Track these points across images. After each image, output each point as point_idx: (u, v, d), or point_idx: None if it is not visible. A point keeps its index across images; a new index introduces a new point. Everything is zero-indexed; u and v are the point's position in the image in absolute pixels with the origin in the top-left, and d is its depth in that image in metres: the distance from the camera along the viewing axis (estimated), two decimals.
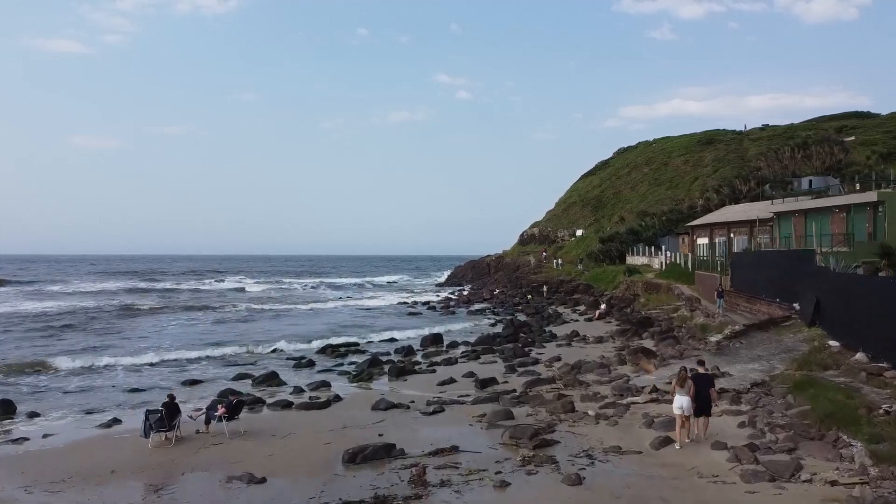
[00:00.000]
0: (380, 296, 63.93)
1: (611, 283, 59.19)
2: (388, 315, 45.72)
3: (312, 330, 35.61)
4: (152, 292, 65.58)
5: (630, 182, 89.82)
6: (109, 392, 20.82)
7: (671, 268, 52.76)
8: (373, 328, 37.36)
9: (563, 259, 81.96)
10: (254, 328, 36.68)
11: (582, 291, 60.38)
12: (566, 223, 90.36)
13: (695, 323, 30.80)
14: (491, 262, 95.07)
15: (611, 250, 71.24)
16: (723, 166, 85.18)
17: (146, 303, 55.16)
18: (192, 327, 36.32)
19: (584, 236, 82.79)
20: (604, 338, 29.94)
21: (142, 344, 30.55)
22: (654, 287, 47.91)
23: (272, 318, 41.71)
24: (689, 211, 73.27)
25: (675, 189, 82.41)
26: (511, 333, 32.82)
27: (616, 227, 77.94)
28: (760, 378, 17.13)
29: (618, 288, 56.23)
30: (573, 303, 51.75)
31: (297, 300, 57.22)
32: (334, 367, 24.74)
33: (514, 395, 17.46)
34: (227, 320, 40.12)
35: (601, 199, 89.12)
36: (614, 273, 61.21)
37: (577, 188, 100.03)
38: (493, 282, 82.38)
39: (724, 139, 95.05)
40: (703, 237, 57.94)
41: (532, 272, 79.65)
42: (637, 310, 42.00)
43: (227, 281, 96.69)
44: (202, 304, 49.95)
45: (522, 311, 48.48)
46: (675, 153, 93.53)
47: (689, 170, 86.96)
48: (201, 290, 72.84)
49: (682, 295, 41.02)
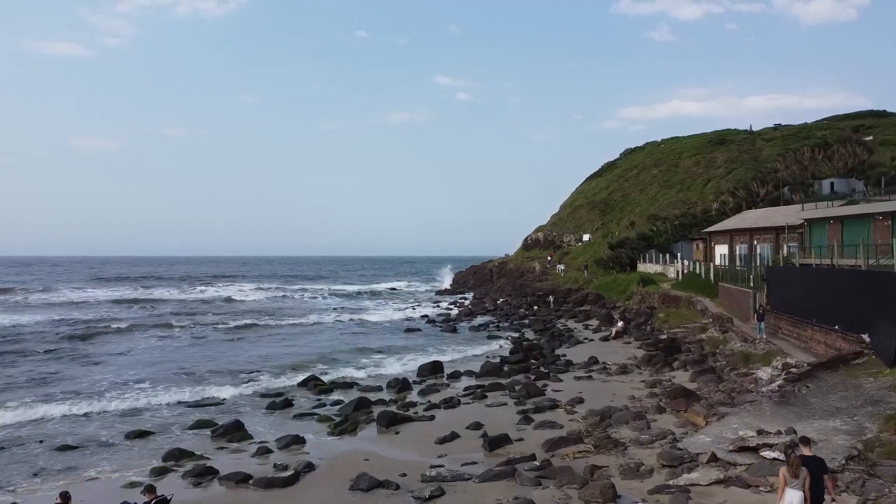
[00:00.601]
0: (378, 307, 60.03)
1: (623, 293, 55.36)
2: (385, 333, 41.85)
3: (300, 354, 31.69)
4: (137, 304, 61.59)
5: (638, 184, 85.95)
6: (31, 451, 16.94)
7: (689, 278, 48.88)
8: (366, 351, 33.48)
9: (566, 265, 78.14)
10: (233, 352, 32.77)
11: (592, 302, 56.53)
12: (572, 227, 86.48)
13: (731, 348, 26.95)
14: (493, 268, 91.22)
15: (621, 257, 67.39)
16: (736, 167, 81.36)
17: (128, 316, 51.34)
18: (162, 352, 32.34)
19: (592, 241, 78.92)
20: (628, 367, 26.07)
21: (98, 374, 26.64)
22: (673, 300, 44.05)
23: (258, 338, 37.77)
24: (704, 215, 69.39)
25: (687, 191, 78.56)
26: (520, 359, 28.97)
27: (626, 231, 74.08)
28: (850, 445, 13.29)
29: (631, 299, 52.39)
30: (584, 316, 47.88)
31: (290, 313, 53.29)
32: (314, 410, 20.88)
33: (535, 467, 13.56)
34: (205, 342, 36.04)
35: (608, 203, 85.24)
36: (626, 282, 57.36)
37: (583, 191, 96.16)
38: (496, 289, 78.53)
39: (735, 139, 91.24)
40: (723, 244, 54.08)
41: (537, 279, 75.79)
42: (657, 327, 38.13)
43: (221, 288, 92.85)
44: (185, 321, 45.95)
45: (529, 325, 44.64)
46: (685, 154, 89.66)
47: (701, 171, 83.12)
48: (189, 301, 68.98)
49: (706, 311, 37.15)
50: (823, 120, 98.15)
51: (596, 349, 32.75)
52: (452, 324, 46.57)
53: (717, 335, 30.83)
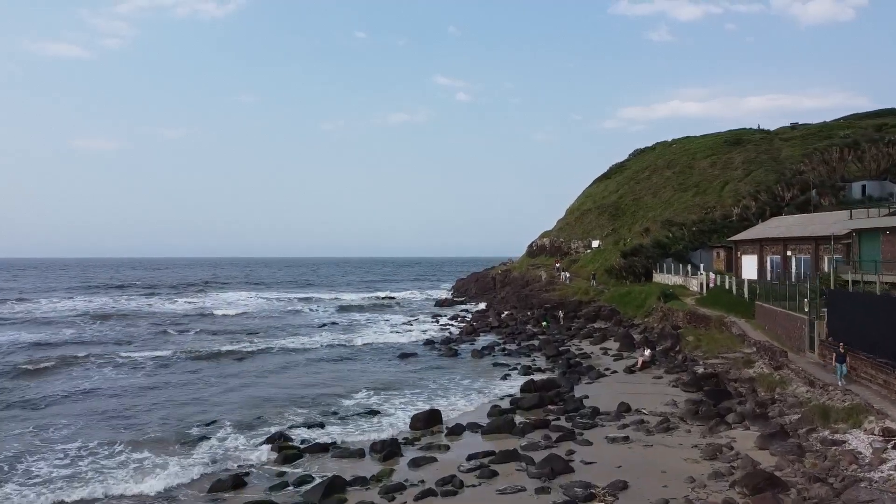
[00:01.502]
0: (373, 324, 54.97)
1: (640, 307, 50.35)
2: (378, 360, 36.80)
3: (270, 396, 26.62)
4: (108, 319, 56.46)
5: (651, 187, 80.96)
6: None
7: (716, 293, 43.87)
8: (352, 389, 28.42)
9: (572, 273, 73.18)
10: (192, 392, 27.75)
11: (606, 318, 51.56)
12: (580, 233, 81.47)
13: (795, 395, 21.94)
14: (497, 276, 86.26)
15: (635, 266, 62.39)
16: (755, 169, 76.39)
17: (91, 337, 46.39)
18: (104, 397, 26.85)
19: (602, 248, 73.94)
20: (670, 419, 21.05)
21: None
22: (702, 320, 39.06)
23: (228, 369, 32.70)
24: (724, 221, 64.41)
25: (704, 195, 73.57)
26: (535, 404, 24.01)
27: (639, 238, 69.08)
28: None
29: (650, 316, 47.40)
30: (599, 336, 42.87)
31: (274, 333, 48.24)
32: (271, 497, 15.91)
33: None
34: (163, 377, 30.64)
35: (619, 207, 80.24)
36: (643, 295, 52.33)
37: (591, 194, 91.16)
38: (499, 300, 73.55)
39: (752, 139, 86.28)
40: (751, 254, 49.06)
41: (543, 289, 70.81)
42: (689, 355, 33.10)
43: (209, 298, 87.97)
44: (150, 347, 40.93)
45: (539, 348, 39.65)
46: (699, 154, 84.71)
47: (717, 173, 78.13)
48: (168, 315, 64.05)
49: (745, 337, 32.12)
50: (840, 119, 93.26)
51: (622, 386, 27.76)
52: (453, 346, 41.61)
53: (768, 372, 25.83)
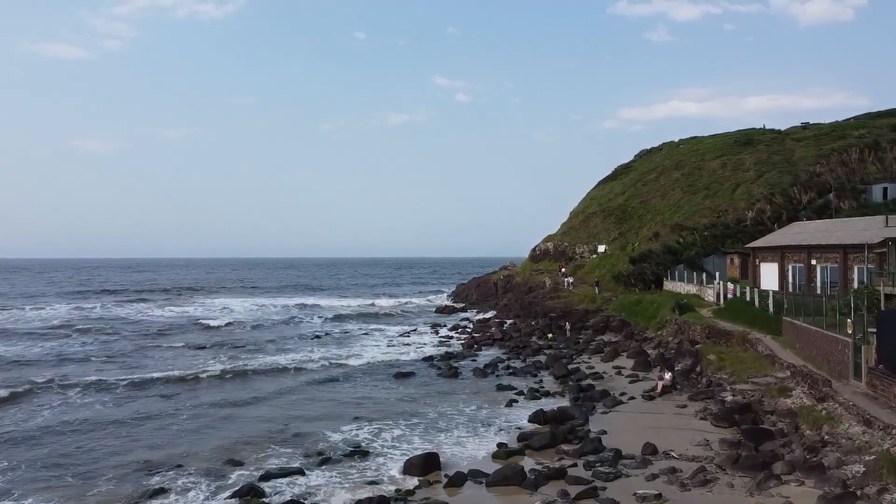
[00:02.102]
0: (369, 336, 51.88)
1: (652, 319, 47.32)
2: (371, 381, 33.74)
3: (248, 430, 23.43)
4: (88, 333, 53.32)
5: (659, 189, 77.93)
6: None
7: (736, 305, 40.81)
8: (341, 419, 25.37)
9: (576, 279, 70.23)
10: (157, 425, 24.68)
11: (616, 329, 48.58)
12: (585, 237, 78.44)
13: (850, 435, 18.87)
14: (498, 282, 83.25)
15: (644, 273, 59.37)
16: (767, 170, 73.39)
17: (65, 352, 43.41)
18: (41, 439, 23.42)
19: (609, 253, 70.92)
20: (707, 469, 17.99)
21: None
22: (722, 336, 36.01)
23: (201, 395, 29.60)
24: (738, 225, 61.40)
25: (715, 198, 70.54)
26: (547, 443, 20.99)
27: (647, 243, 66.03)
28: None
29: (664, 329, 44.36)
30: (611, 351, 39.83)
31: (262, 347, 45.16)
32: None
33: None
34: (131, 405, 27.44)
35: (626, 210, 77.20)
36: (655, 306, 49.28)
37: (596, 196, 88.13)
38: (502, 307, 70.58)
39: (762, 139, 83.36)
40: (771, 262, 46.02)
41: (548, 296, 67.84)
42: (713, 378, 30.06)
43: (202, 304, 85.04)
44: (126, 365, 37.92)
45: (546, 366, 36.62)
46: (708, 155, 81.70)
47: (728, 175, 75.13)
48: (156, 324, 61.09)
49: (775, 358, 29.03)
50: (851, 118, 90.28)
51: (643, 418, 24.71)
52: (453, 363, 38.61)
53: (810, 404, 22.76)
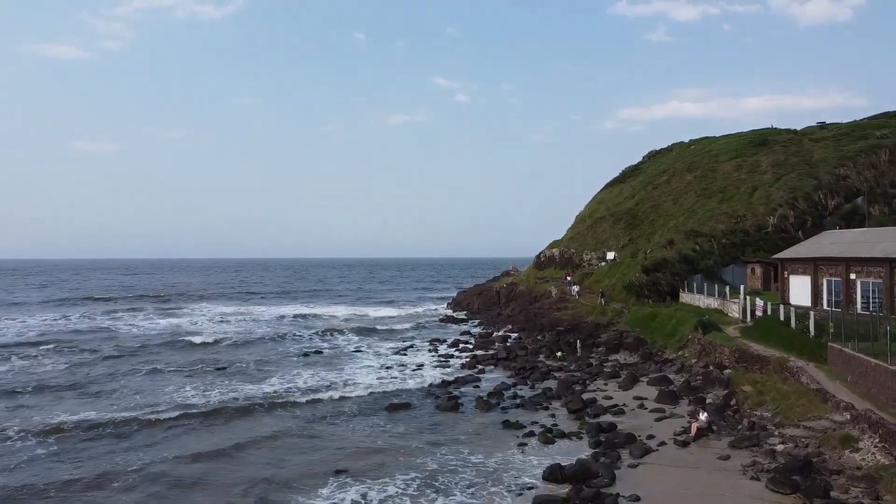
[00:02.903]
0: (361, 354, 47.80)
1: (671, 336, 43.26)
2: (359, 416, 29.77)
3: (199, 500, 19.54)
4: (53, 354, 49.04)
5: (670, 192, 73.91)
6: None
7: (767, 324, 36.82)
8: (319, 475, 21.34)
9: (583, 287, 66.28)
10: (98, 476, 20.77)
11: (631, 348, 44.61)
12: (593, 244, 74.41)
13: None
14: (501, 290, 79.23)
15: (659, 283, 55.34)
16: (786, 173, 69.40)
17: (26, 375, 39.51)
18: None
19: (619, 261, 66.89)
20: None
21: None
22: (756, 361, 32.04)
23: (157, 444, 25.36)
24: (759, 232, 57.47)
25: (731, 202, 66.51)
26: None
27: (661, 251, 62.03)
28: None
29: (685, 349, 40.37)
30: (629, 377, 35.79)
31: (242, 371, 41.00)
32: None
33: None
34: (44, 480, 21.84)
35: (636, 215, 73.17)
36: (674, 322, 45.18)
37: (604, 199, 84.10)
38: (505, 318, 66.61)
39: (778, 140, 79.35)
40: (801, 275, 42.03)
41: (554, 307, 63.84)
42: (754, 419, 26.04)
43: (186, 316, 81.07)
44: (80, 396, 33.94)
45: (558, 396, 32.63)
46: (721, 157, 77.70)
47: (744, 177, 71.10)
48: (129, 338, 57.20)
49: (827, 395, 24.98)
50: (877, 116, 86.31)
51: (680, 473, 20.72)
52: (453, 390, 34.70)
53: (887, 464, 18.81)
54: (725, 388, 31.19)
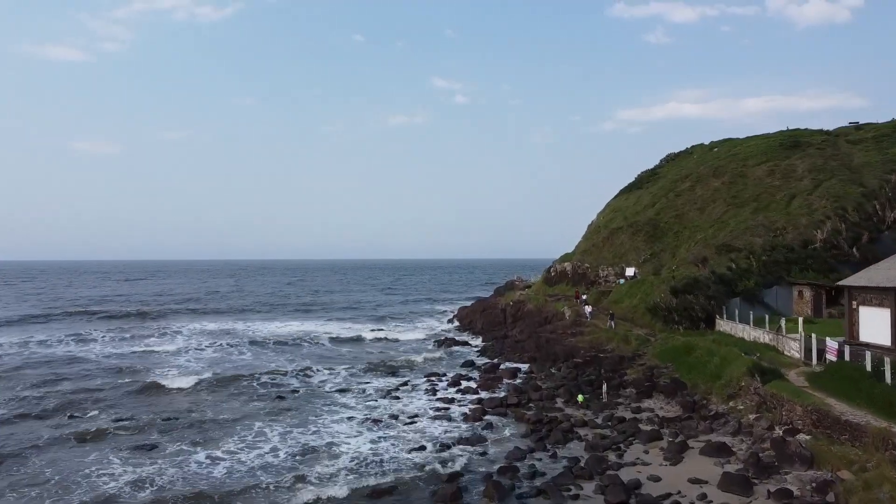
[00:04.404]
0: (338, 406, 40.26)
1: (714, 379, 35.86)
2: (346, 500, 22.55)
3: None
4: None
5: (695, 200, 66.65)
6: None
7: (846, 374, 29.45)
8: None
9: (597, 308, 59.29)
10: None
11: (667, 392, 37.39)
12: (610, 258, 67.10)
13: None
14: (507, 308, 71.94)
15: (692, 308, 47.99)
16: (826, 178, 62.24)
17: None
18: None
19: (640, 279, 59.60)
20: None
21: None
22: (845, 429, 24.72)
23: None
24: (806, 248, 50.14)
25: (767, 212, 59.28)
26: None
27: (689, 268, 54.71)
28: None
29: (737, 399, 32.99)
30: (675, 445, 28.49)
31: (199, 431, 33.62)
32: None
33: None
34: None
35: (657, 225, 65.88)
36: (717, 360, 37.74)
37: (620, 208, 76.76)
38: (512, 343, 59.29)
39: (812, 142, 72.18)
40: (876, 306, 34.60)
41: (568, 331, 56.60)
42: None
43: (167, 338, 73.94)
44: None
45: (589, 474, 25.33)
46: (750, 160, 70.49)
47: (779, 184, 63.91)
48: (89, 372, 50.17)
49: None
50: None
51: None
52: (454, 464, 27.43)
53: None
54: (808, 466, 24.00)
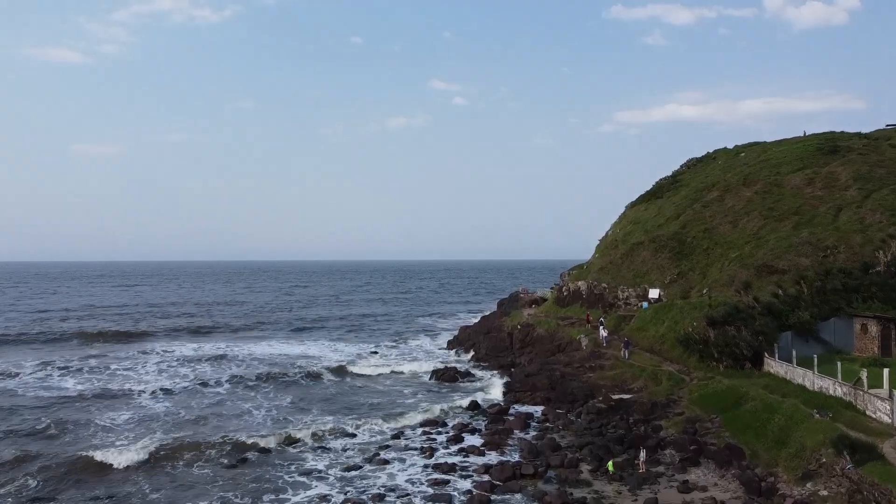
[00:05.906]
0: (313, 474, 32.89)
1: (779, 445, 28.73)
2: None
3: None
4: None
5: (726, 213, 59.45)
6: None
7: None
8: None
9: (616, 336, 52.35)
10: None
11: (717, 459, 30.25)
12: (630, 277, 59.90)
13: None
14: (514, 332, 64.76)
15: (735, 343, 40.73)
16: (876, 188, 55.11)
17: None
18: None
19: (667, 303, 52.37)
20: None
21: None
22: None
23: None
24: (868, 273, 42.96)
25: (811, 226, 52.10)
26: None
27: (726, 292, 47.46)
28: None
29: (816, 480, 25.83)
30: None
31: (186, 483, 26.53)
32: None
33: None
34: None
35: (683, 240, 58.66)
36: (781, 420, 30.58)
37: (640, 220, 69.50)
38: (521, 375, 52.06)
39: (853, 146, 64.99)
40: None
41: (586, 364, 49.52)
42: None
43: (132, 363, 66.86)
44: None
45: None
46: (784, 167, 63.36)
47: (820, 194, 56.75)
48: (41, 419, 43.15)
49: None
50: None
51: None
52: None
53: None
54: None
